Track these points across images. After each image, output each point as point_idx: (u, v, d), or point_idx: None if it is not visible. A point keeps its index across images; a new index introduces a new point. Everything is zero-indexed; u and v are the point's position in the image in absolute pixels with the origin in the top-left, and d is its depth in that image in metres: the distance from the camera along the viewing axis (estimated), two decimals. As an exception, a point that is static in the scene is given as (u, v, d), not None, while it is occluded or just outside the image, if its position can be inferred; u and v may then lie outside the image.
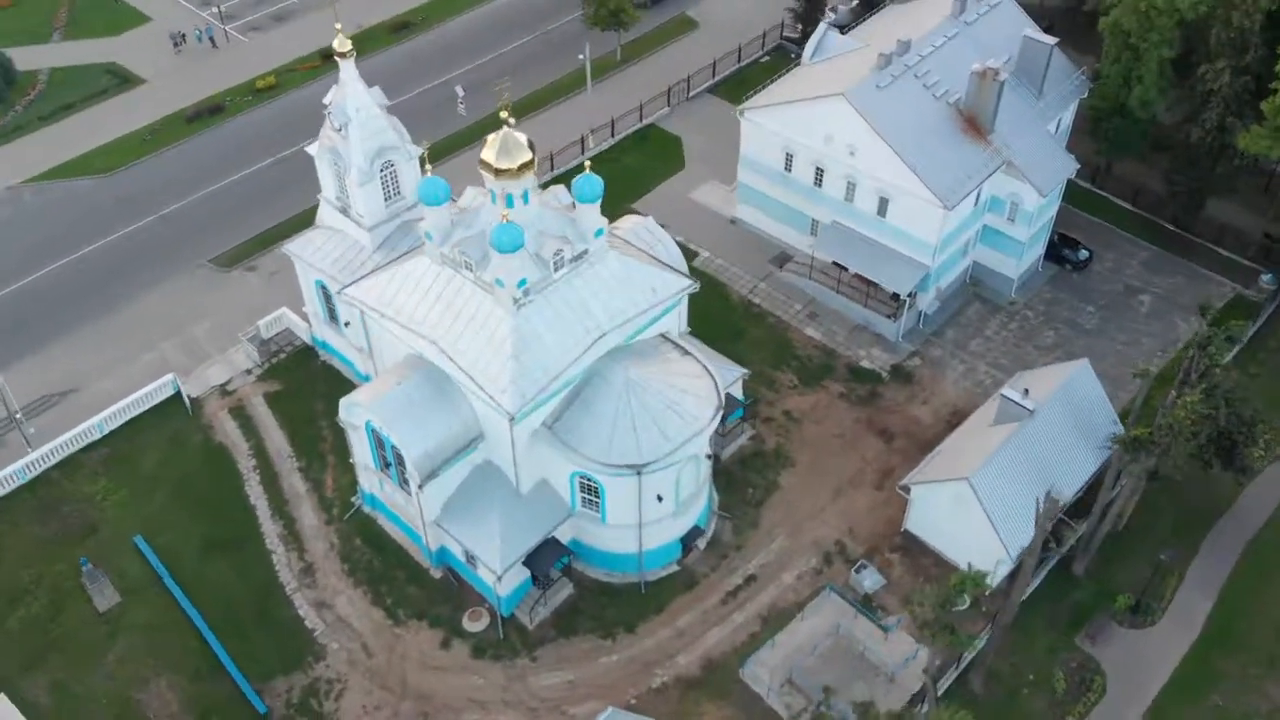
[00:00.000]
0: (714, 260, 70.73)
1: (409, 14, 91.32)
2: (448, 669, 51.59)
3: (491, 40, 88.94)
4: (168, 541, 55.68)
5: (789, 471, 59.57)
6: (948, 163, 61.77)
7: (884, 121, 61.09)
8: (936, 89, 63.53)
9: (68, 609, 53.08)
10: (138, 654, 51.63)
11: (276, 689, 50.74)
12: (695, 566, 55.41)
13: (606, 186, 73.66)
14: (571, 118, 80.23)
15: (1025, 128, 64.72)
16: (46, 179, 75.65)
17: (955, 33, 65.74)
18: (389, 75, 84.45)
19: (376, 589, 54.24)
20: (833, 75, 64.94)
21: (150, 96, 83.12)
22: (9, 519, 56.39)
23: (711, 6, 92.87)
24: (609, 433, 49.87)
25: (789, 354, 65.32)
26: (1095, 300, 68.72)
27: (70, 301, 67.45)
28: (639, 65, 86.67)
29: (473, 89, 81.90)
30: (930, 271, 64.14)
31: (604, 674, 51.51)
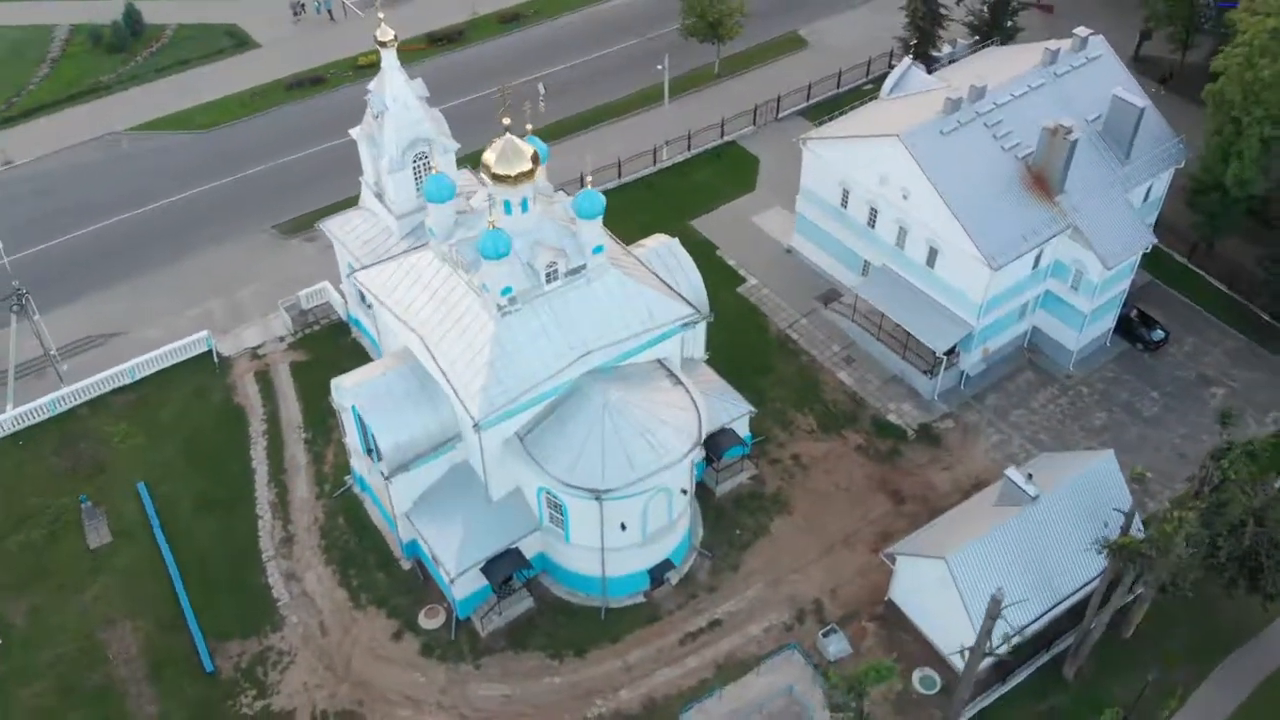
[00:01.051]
0: (760, 289, 68.70)
1: (521, 6, 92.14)
2: (393, 661, 51.83)
3: (593, 41, 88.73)
4: (167, 491, 57.91)
5: (784, 519, 57.29)
6: (1003, 220, 58.03)
7: (939, 169, 57.87)
8: (1006, 141, 59.77)
9: (62, 541, 55.83)
10: (113, 594, 53.88)
11: (230, 650, 52.05)
12: (662, 601, 53.93)
13: (671, 199, 74.55)
14: (651, 127, 79.18)
15: (1101, 193, 60.21)
16: (148, 129, 79.82)
17: (1040, 84, 61.68)
18: (487, 65, 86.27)
19: (346, 570, 54.96)
20: (902, 114, 61.93)
21: (261, 61, 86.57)
22: (32, 448, 59.78)
23: (826, 27, 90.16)
24: (576, 453, 48.97)
25: (815, 396, 62.83)
26: (1162, 386, 63.47)
27: (138, 249, 70.90)
28: (736, 80, 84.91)
29: (560, 89, 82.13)
30: (974, 331, 60.55)
31: (543, 694, 50.75)
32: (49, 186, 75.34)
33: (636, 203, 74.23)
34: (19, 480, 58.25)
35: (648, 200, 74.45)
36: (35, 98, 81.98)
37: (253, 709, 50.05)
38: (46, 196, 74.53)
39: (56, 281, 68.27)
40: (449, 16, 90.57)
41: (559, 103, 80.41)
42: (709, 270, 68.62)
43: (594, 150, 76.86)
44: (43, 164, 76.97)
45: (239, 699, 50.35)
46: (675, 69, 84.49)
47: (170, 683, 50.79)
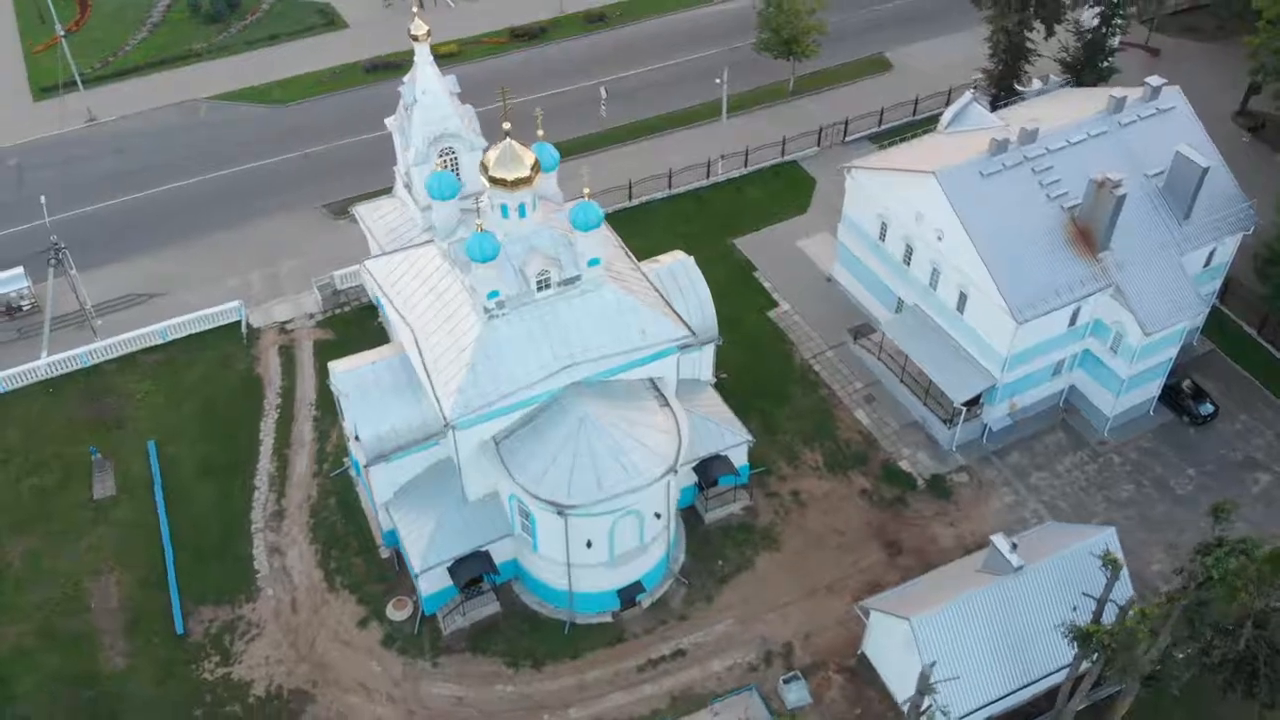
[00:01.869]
0: (791, 315, 66.88)
1: (608, 8, 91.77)
2: (355, 647, 52.27)
3: (670, 48, 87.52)
4: (174, 452, 59.65)
5: (770, 555, 55.67)
6: (1037, 272, 55.05)
7: (974, 212, 55.22)
8: (1053, 189, 56.67)
9: (70, 488, 58.04)
10: (106, 546, 55.76)
11: (203, 615, 53.32)
12: (629, 623, 53.03)
13: (719, 215, 73.21)
14: (710, 140, 77.65)
15: (1151, 254, 56.60)
16: (228, 99, 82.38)
17: (1100, 131, 58.25)
18: (564, 64, 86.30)
19: (327, 551, 55.68)
20: (949, 150, 59.37)
21: (346, 41, 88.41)
22: (60, 396, 62.32)
23: (915, 52, 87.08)
24: (546, 465, 48.47)
25: (827, 433, 60.84)
26: (1202, 464, 59.33)
27: (194, 214, 73.17)
28: (810, 99, 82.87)
29: (628, 94, 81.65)
30: (998, 384, 57.70)
31: (494, 701, 50.46)
32: (125, 146, 78.52)
33: (683, 215, 73.28)
34: (41, 426, 60.88)
35: (695, 213, 73.35)
36: (129, 59, 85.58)
37: (213, 675, 51.19)
38: (120, 156, 77.70)
39: (112, 238, 71.13)
40: (535, 12, 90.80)
41: (620, 108, 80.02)
42: (742, 291, 68.05)
43: (649, 160, 76.25)
44: (124, 124, 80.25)
45: (202, 663, 51.54)
46: (749, 83, 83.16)
47: (142, 639, 52.33)
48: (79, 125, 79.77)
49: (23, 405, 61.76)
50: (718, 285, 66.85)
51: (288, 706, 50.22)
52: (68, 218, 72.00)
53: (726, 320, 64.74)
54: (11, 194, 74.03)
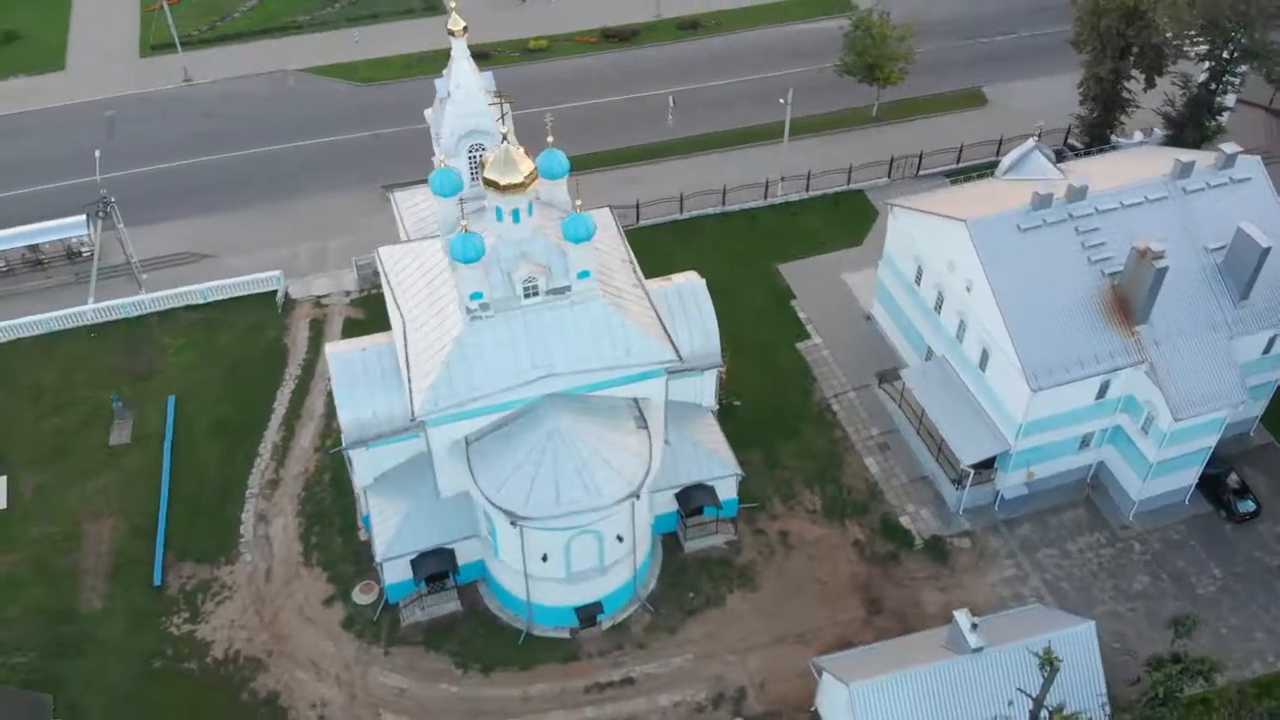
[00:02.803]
0: (821, 349, 64.65)
1: (704, 15, 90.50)
2: (315, 624, 53.03)
3: (760, 63, 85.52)
4: (192, 409, 61.68)
5: (745, 594, 53.97)
6: (1063, 339, 51.65)
7: (1002, 266, 52.16)
8: (1096, 252, 53.06)
9: (90, 431, 60.70)
10: (110, 491, 58.08)
11: (183, 571, 54.99)
12: (586, 643, 52.23)
13: (769, 238, 71.34)
14: (775, 160, 75.40)
15: (1197, 333, 52.40)
16: (316, 72, 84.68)
17: (1160, 196, 54.23)
18: (650, 68, 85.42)
19: (310, 526, 56.64)
20: (1000, 198, 56.27)
21: (440, 27, 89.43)
22: (101, 342, 65.24)
23: (1016, 89, 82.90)
24: (509, 472, 48.07)
25: (832, 477, 58.58)
26: (1231, 565, 54.76)
27: (259, 181, 75.45)
28: (893, 127, 79.95)
29: (706, 105, 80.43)
30: (1011, 451, 54.50)
31: (435, 699, 50.43)
32: (214, 110, 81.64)
33: (732, 234, 71.73)
34: (77, 368, 63.84)
35: (745, 233, 71.71)
36: (234, 26, 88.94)
37: (179, 630, 52.73)
38: (207, 119, 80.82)
39: (180, 196, 73.91)
40: (629, 14, 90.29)
41: (690, 118, 78.81)
42: (776, 319, 66.20)
43: (708, 173, 74.80)
44: (216, 87, 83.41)
45: (171, 618, 53.16)
46: (833, 104, 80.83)
47: (122, 585, 54.32)
48: (175, 85, 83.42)
49: (65, 346, 64.99)
50: (752, 310, 66.53)
51: (240, 672, 51.33)
52: (144, 172, 75.48)
53: (753, 346, 64.12)
54: (100, 144, 77.82)
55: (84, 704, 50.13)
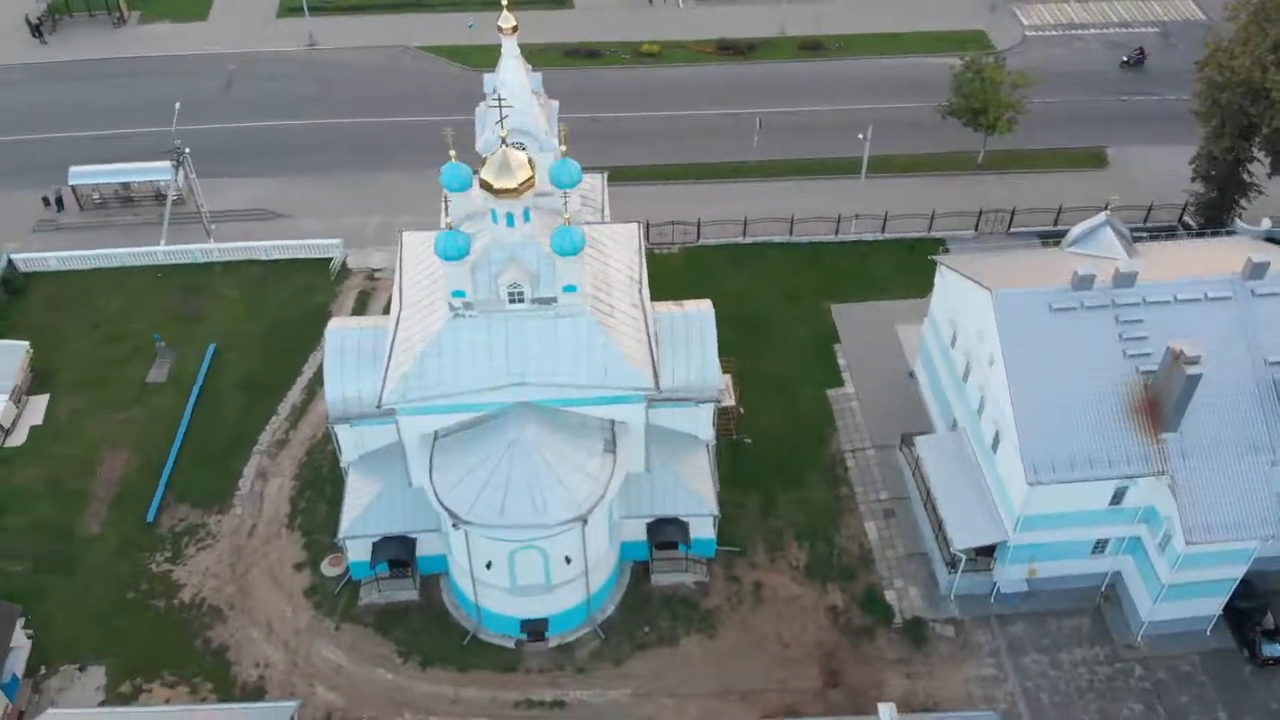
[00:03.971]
0: (850, 400, 61.63)
1: (829, 37, 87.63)
2: (280, 587, 54.26)
3: (871, 92, 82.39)
4: (228, 360, 64.15)
5: (702, 640, 52.03)
6: (1075, 433, 47.38)
7: (1022, 345, 48.30)
8: (1134, 346, 48.42)
9: (132, 365, 63.96)
10: (135, 425, 61.04)
11: (177, 513, 57.21)
12: (529, 656, 51.51)
13: (829, 275, 68.56)
14: (850, 196, 72.45)
15: (1234, 453, 47.10)
16: (432, 52, 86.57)
17: (1222, 295, 48.96)
18: (756, 86, 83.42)
19: (304, 491, 58.00)
20: (1047, 271, 52.13)
21: (563, 22, 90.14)
22: (164, 283, 68.75)
23: (1142, 154, 77.02)
24: (464, 474, 47.82)
25: (825, 535, 55.77)
26: (1242, 711, 49.10)
27: (351, 150, 77.74)
28: (996, 178, 75.45)
29: (797, 129, 78.06)
30: (1009, 543, 50.49)
31: (368, 682, 50.73)
32: (328, 76, 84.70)
33: (793, 265, 69.29)
34: (138, 304, 67.40)
35: (804, 267, 69.10)
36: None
37: (157, 569, 54.93)
38: (320, 84, 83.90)
39: (273, 154, 77.05)
40: (751, 28, 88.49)
41: (778, 141, 76.56)
42: (812, 361, 63.67)
43: (784, 199, 72.39)
44: (336, 55, 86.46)
45: (153, 555, 55.44)
46: (936, 145, 77.01)
47: (118, 516, 57.02)
48: (299, 48, 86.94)
49: (133, 282, 68.80)
50: (790, 346, 64.28)
51: (200, 619, 53.08)
52: (246, 127, 79.24)
53: (780, 385, 61.99)
54: (216, 96, 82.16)
55: (56, 619, 52.93)
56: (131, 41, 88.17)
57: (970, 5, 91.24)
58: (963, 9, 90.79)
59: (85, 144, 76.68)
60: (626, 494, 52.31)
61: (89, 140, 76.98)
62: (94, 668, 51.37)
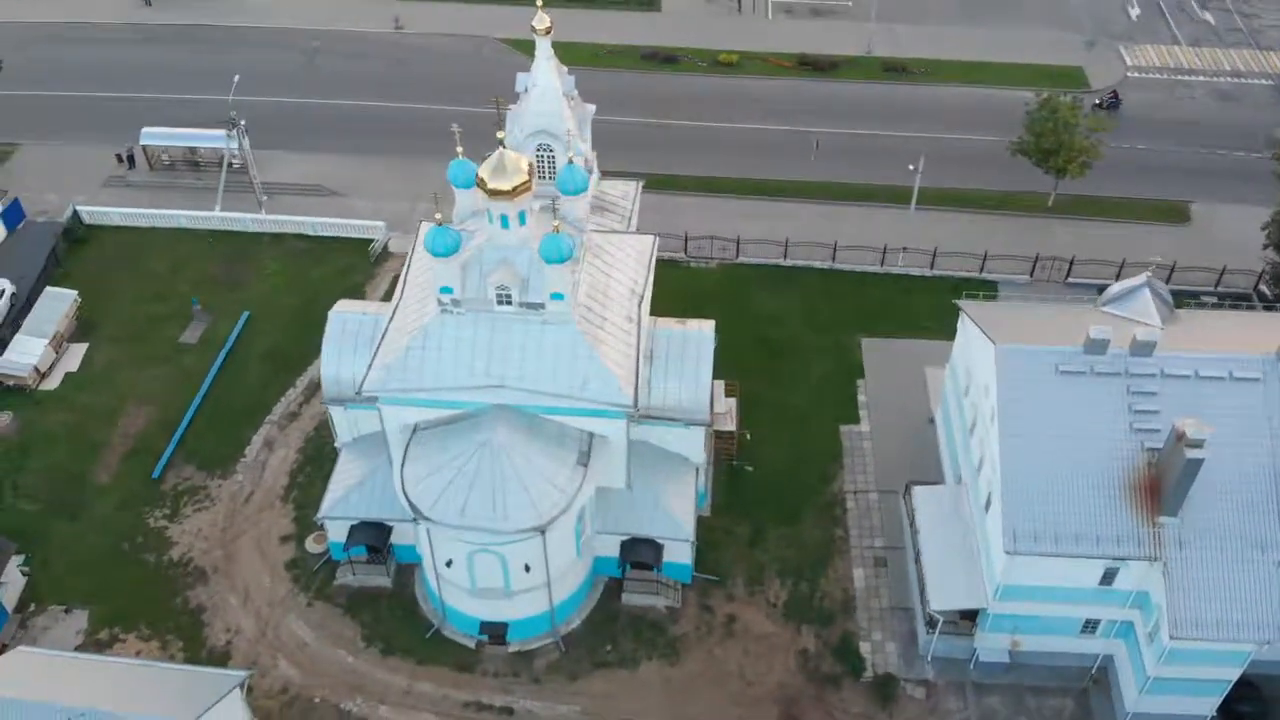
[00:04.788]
0: (863, 440, 59.46)
1: (917, 61, 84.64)
2: (265, 557, 55.22)
3: (956, 122, 79.56)
4: (258, 329, 65.68)
5: (661, 667, 50.90)
6: (1065, 505, 44.53)
7: (1021, 405, 45.69)
8: (1144, 421, 45.25)
9: (169, 324, 66.07)
10: (160, 382, 62.98)
11: (182, 473, 58.79)
12: (488, 659, 51.26)
13: (867, 306, 66.45)
14: (899, 227, 70.03)
15: (1238, 548, 43.53)
16: (512, 44, 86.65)
17: (1251, 377, 45.32)
18: (830, 105, 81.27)
19: (305, 466, 58.90)
20: (1067, 328, 49.12)
21: (649, 24, 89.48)
22: (215, 247, 70.87)
23: (1230, 213, 71.93)
24: (432, 469, 47.77)
25: (810, 576, 53.95)
26: (1222, 827, 45.69)
27: (413, 134, 78.28)
28: (1064, 224, 71.76)
29: (860, 153, 76.01)
30: (988, 611, 47.87)
31: (327, 663, 51.20)
32: (407, 59, 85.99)
33: (828, 293, 67.31)
34: (186, 266, 69.64)
35: (842, 295, 67.02)
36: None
37: (154, 523, 56.55)
38: (399, 67, 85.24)
39: (335, 132, 78.52)
40: (835, 45, 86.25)
41: (834, 164, 74.55)
42: (832, 394, 61.84)
43: (837, 224, 70.43)
44: (419, 40, 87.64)
45: (152, 511, 57.10)
46: (1007, 183, 73.73)
47: (128, 468, 58.94)
48: (385, 29, 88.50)
49: (186, 244, 71.12)
50: (810, 377, 62.63)
51: (184, 578, 54.46)
52: (318, 104, 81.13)
53: (793, 414, 60.45)
54: (297, 70, 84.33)
55: (53, 561, 55.04)
56: (231, 11, 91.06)
57: (1072, 40, 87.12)
58: (1064, 43, 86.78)
59: (167, 106, 79.44)
60: (604, 509, 51.70)
61: (170, 103, 79.74)
62: (79, 611, 53.30)
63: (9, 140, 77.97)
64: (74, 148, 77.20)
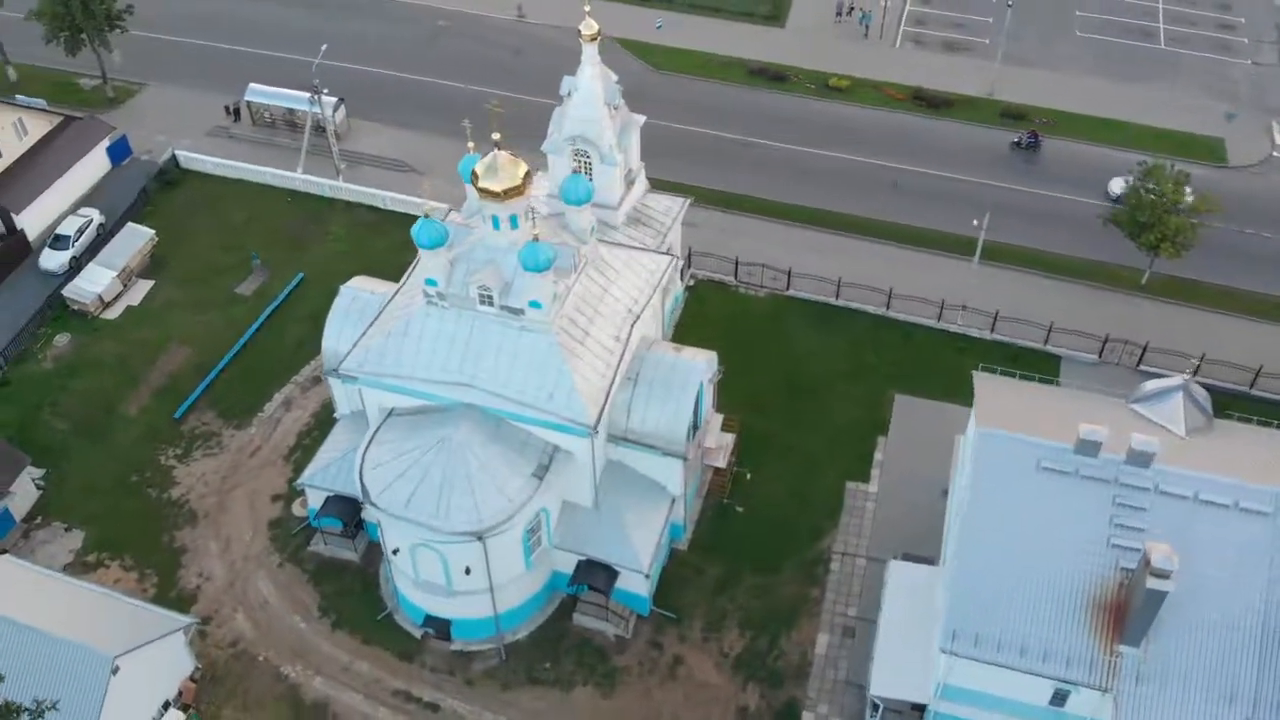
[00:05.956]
0: (867, 500, 56.29)
1: (1041, 110, 78.94)
2: (254, 512, 56.84)
3: (1063, 180, 73.98)
4: (308, 292, 67.38)
5: (592, 695, 49.79)
6: (1018, 611, 40.93)
7: (994, 494, 42.42)
8: (1124, 538, 41.11)
9: (230, 275, 68.82)
10: (206, 327, 65.71)
11: (203, 418, 61.03)
12: (430, 651, 51.33)
13: (912, 362, 63.85)
14: (962, 280, 65.76)
15: (1203, 695, 38.94)
16: (623, 44, 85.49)
17: (1259, 509, 40.41)
18: (936, 145, 77.27)
19: (314, 430, 59.93)
20: (1074, 421, 44.97)
21: (769, 39, 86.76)
22: (291, 206, 73.36)
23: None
24: (390, 455, 48.14)
25: (770, 632, 51.59)
26: None
27: (513, 123, 77.20)
28: (1158, 306, 65.62)
29: (946, 198, 72.08)
30: (931, 709, 44.45)
31: (280, 628, 52.37)
32: (524, 48, 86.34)
33: (876, 341, 63.98)
34: (260, 221, 72.38)
35: (890, 346, 63.53)
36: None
37: (164, 462, 59.09)
38: (514, 55, 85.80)
39: (433, 112, 79.20)
40: (957, 82, 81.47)
41: (912, 207, 70.90)
42: (845, 446, 59.27)
43: (898, 270, 66.81)
44: (539, 30, 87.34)
45: (167, 449, 59.68)
46: (1103, 252, 68.04)
47: (156, 404, 61.80)
48: (507, 16, 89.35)
49: (266, 200, 73.92)
50: (828, 425, 60.21)
51: (176, 519, 56.65)
52: (425, 81, 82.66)
53: (802, 461, 58.48)
54: (418, 47, 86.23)
55: (66, 480, 58.31)
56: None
57: (1218, 108, 79.81)
58: (1209, 111, 79.47)
59: (286, 65, 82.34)
60: (566, 525, 50.84)
61: (289, 63, 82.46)
62: (77, 531, 56.37)
63: (139, 80, 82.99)
64: (191, 94, 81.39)
